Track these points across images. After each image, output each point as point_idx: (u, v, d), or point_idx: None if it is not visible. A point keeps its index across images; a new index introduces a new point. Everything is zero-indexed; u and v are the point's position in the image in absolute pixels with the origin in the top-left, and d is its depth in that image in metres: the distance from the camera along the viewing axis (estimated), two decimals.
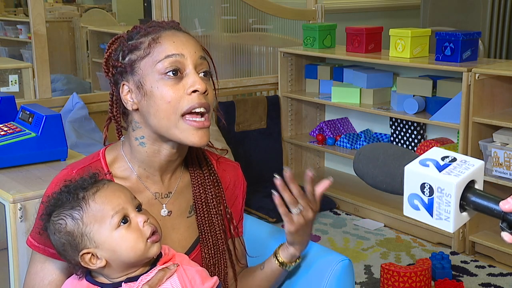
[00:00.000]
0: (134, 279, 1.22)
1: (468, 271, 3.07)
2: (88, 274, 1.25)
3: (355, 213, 3.81)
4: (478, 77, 3.07)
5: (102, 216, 1.19)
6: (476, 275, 3.03)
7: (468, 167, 0.84)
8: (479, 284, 2.95)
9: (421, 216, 0.86)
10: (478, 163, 0.85)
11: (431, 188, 0.83)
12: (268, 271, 1.42)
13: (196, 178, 1.40)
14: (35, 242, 1.32)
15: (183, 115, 1.25)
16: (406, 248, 3.33)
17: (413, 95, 3.53)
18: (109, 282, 1.23)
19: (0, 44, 5.83)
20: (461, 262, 3.16)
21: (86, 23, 5.63)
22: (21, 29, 5.59)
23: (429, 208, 0.85)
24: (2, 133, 2.03)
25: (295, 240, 1.37)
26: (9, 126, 2.10)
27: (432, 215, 0.85)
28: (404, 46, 3.47)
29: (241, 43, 4.30)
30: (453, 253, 3.24)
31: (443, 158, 0.86)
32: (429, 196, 0.84)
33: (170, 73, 1.25)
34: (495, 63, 3.38)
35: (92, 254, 1.19)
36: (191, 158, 1.41)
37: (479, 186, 0.85)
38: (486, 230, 3.27)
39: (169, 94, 1.25)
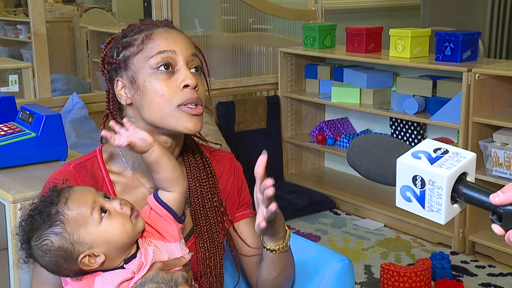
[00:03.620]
0: (132, 257, 1.25)
1: (468, 271, 3.07)
2: None
3: (355, 213, 3.81)
4: (478, 77, 3.07)
5: (83, 218, 1.20)
6: (476, 275, 3.03)
7: (460, 160, 0.84)
8: (479, 284, 2.95)
9: (413, 207, 0.87)
10: (470, 155, 0.85)
11: (423, 181, 0.84)
12: (268, 261, 1.41)
13: (191, 172, 1.42)
14: None
15: (178, 106, 1.29)
16: (406, 248, 3.33)
17: (413, 95, 3.53)
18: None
19: (0, 44, 5.84)
20: (461, 262, 3.16)
21: (86, 23, 5.64)
22: (21, 29, 5.60)
23: (421, 200, 0.85)
24: (2, 133, 2.03)
25: (273, 230, 1.31)
26: (9, 126, 2.09)
27: (424, 207, 0.85)
28: (404, 46, 3.47)
29: (241, 43, 4.30)
30: (453, 253, 3.24)
31: (435, 150, 0.86)
32: (421, 188, 0.85)
33: (162, 68, 1.29)
34: (495, 63, 3.38)
35: (89, 255, 1.21)
36: (186, 152, 1.43)
37: (471, 178, 0.85)
38: (486, 230, 3.27)
39: (162, 88, 1.28)
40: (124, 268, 1.24)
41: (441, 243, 3.37)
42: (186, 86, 1.29)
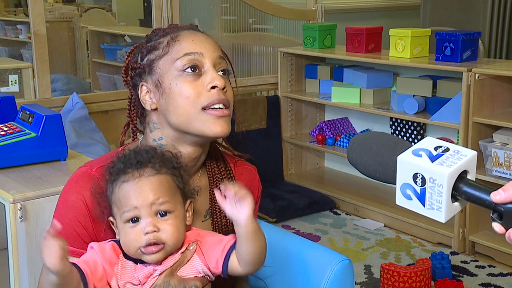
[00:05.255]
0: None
1: (468, 271, 3.07)
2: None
3: (355, 213, 3.81)
4: (478, 77, 3.07)
5: (120, 205, 1.21)
6: (476, 275, 3.03)
7: (461, 158, 0.84)
8: (479, 284, 2.95)
9: (413, 205, 0.86)
10: (471, 153, 0.85)
11: (423, 178, 0.84)
12: None
13: (214, 181, 1.38)
14: None
15: (203, 109, 1.26)
16: (406, 248, 3.33)
17: (413, 95, 3.53)
18: None
19: (0, 44, 5.83)
20: (461, 262, 3.16)
21: (86, 23, 5.63)
22: (21, 29, 5.59)
23: (421, 198, 0.85)
24: (2, 133, 2.03)
25: None
26: (9, 126, 2.10)
27: (424, 205, 0.85)
28: (404, 46, 3.47)
29: (241, 43, 4.30)
30: (453, 253, 3.24)
31: (436, 148, 0.86)
32: (421, 186, 0.84)
33: (189, 70, 1.26)
34: (495, 63, 3.39)
35: (112, 222, 1.25)
36: (209, 160, 1.39)
37: (471, 176, 0.85)
38: (486, 230, 3.27)
39: (188, 90, 1.25)
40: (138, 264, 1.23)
41: (441, 243, 3.37)
42: (214, 87, 1.26)
